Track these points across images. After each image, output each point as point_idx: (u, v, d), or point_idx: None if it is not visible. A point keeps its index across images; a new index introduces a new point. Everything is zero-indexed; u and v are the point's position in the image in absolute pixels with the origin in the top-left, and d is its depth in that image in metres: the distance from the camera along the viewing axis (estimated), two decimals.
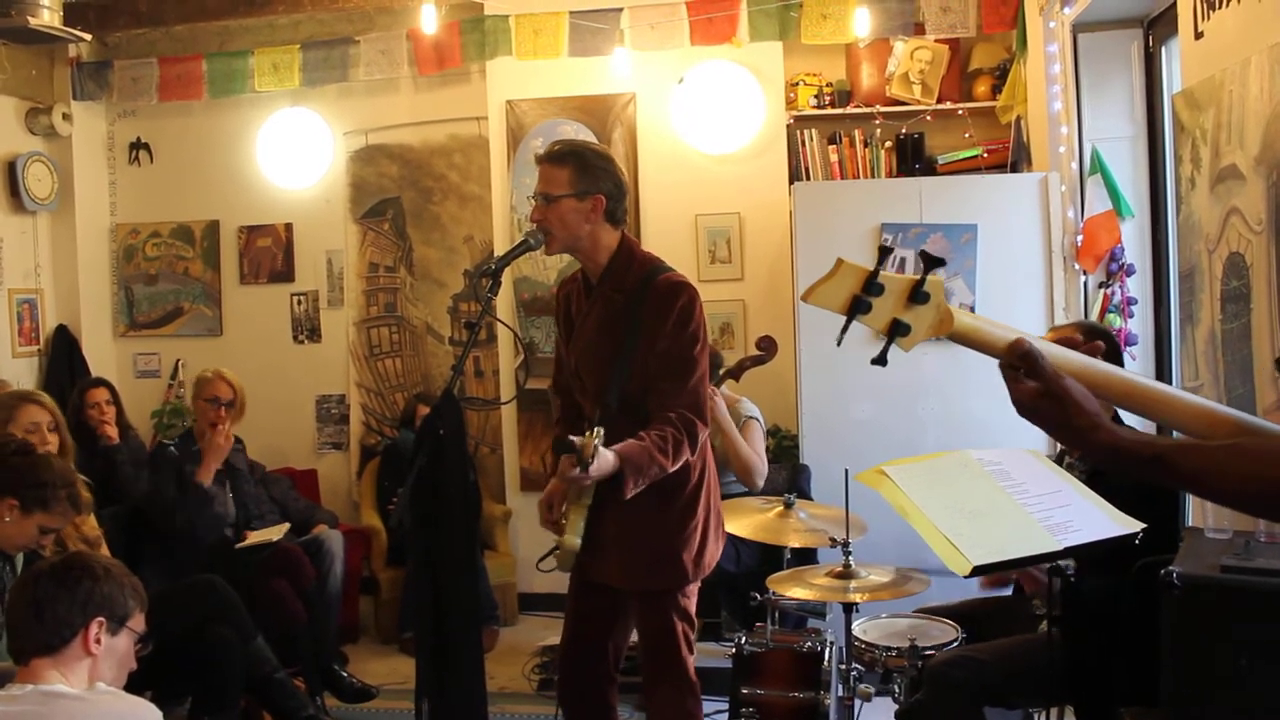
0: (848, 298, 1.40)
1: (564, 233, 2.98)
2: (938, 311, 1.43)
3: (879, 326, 1.43)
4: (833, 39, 5.68)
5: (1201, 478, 1.33)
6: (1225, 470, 1.32)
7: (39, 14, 5.12)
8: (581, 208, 2.96)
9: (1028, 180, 4.98)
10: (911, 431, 4.74)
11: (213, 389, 4.89)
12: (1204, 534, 2.58)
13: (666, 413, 2.90)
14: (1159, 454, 1.36)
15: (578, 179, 2.96)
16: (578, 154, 3.01)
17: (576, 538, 2.96)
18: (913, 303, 1.42)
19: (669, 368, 2.94)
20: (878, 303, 1.41)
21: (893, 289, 1.41)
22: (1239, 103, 2.92)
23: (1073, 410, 1.40)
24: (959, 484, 2.32)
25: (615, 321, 3.00)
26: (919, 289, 1.41)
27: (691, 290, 2.99)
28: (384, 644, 5.57)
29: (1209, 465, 1.33)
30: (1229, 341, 3.01)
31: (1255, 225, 2.83)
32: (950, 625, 3.39)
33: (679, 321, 2.94)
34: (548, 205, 2.96)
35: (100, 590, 2.36)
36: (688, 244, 5.77)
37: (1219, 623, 2.20)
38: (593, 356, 3.04)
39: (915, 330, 1.43)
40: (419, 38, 6.01)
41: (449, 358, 6.49)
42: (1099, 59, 4.74)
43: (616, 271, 3.03)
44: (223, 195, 6.73)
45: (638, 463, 2.81)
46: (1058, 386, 1.41)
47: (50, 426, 3.90)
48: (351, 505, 6.39)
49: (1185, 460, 1.34)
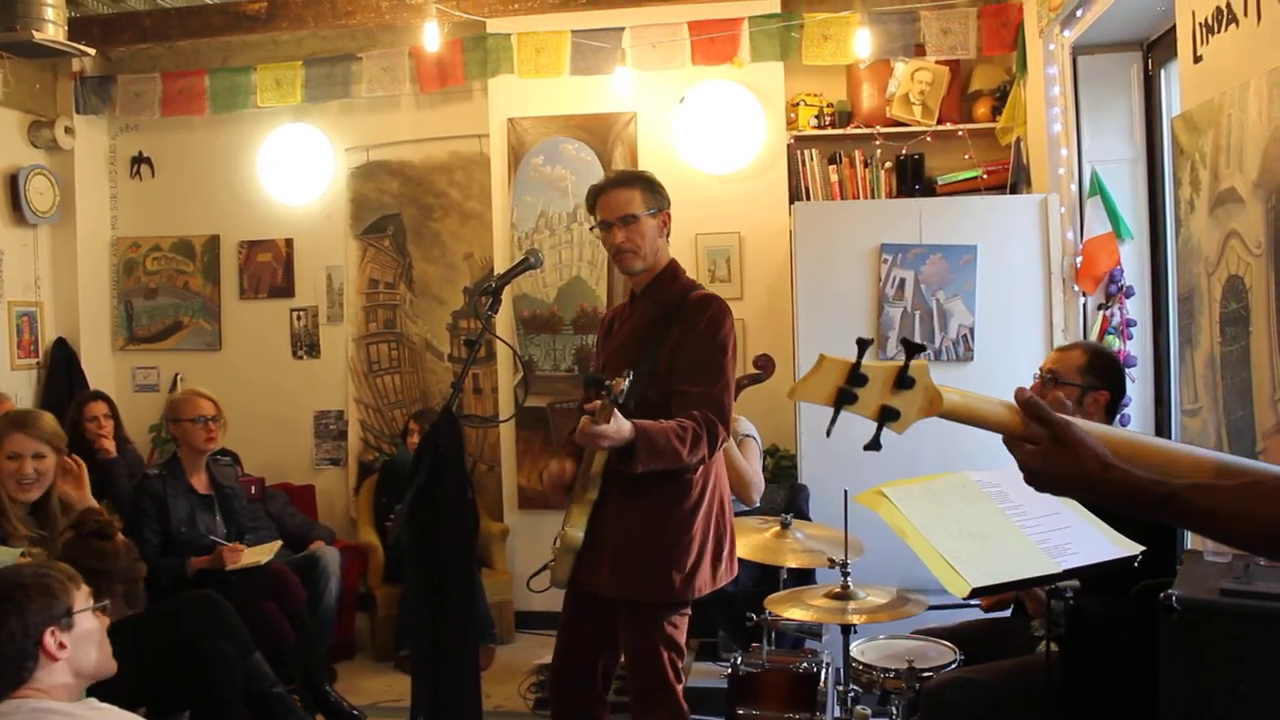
0: (833, 390, 1.44)
1: (649, 249, 3.11)
2: (926, 394, 1.46)
3: (868, 414, 1.46)
4: (833, 60, 5.70)
5: (1214, 518, 1.33)
6: (1236, 510, 1.32)
7: (43, 28, 5.14)
8: (656, 223, 3.12)
9: (1027, 202, 4.99)
10: (910, 452, 4.69)
11: (195, 408, 4.67)
12: (1203, 557, 2.58)
13: (692, 411, 2.94)
14: (1172, 493, 1.37)
15: (649, 198, 3.11)
16: (641, 176, 3.19)
17: (579, 532, 3.01)
18: (899, 389, 1.44)
19: (695, 371, 3.00)
20: (863, 392, 1.44)
21: (877, 378, 1.44)
22: (1238, 126, 2.93)
23: (1084, 454, 1.41)
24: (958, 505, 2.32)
25: (648, 329, 3.10)
26: (903, 375, 1.44)
27: (723, 304, 3.09)
28: (380, 661, 5.54)
29: (1221, 506, 1.33)
30: (1228, 364, 3.01)
31: (1254, 248, 2.84)
32: (948, 647, 3.38)
33: (709, 328, 3.02)
34: (628, 226, 3.07)
35: (32, 607, 2.28)
36: (688, 263, 5.71)
37: (1218, 646, 2.19)
38: (621, 359, 3.09)
39: (905, 414, 1.46)
40: (421, 55, 6.04)
41: (448, 374, 6.49)
42: (1098, 81, 4.77)
43: (660, 286, 3.16)
44: (224, 210, 6.75)
45: (652, 438, 2.83)
46: (1065, 433, 1.43)
47: (35, 455, 3.60)
48: (349, 521, 6.38)
49: (1199, 499, 1.35)
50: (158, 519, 4.53)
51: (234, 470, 5.05)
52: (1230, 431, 3.00)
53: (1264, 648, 2.15)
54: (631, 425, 2.79)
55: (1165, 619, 2.22)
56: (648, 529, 3.01)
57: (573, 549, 3.04)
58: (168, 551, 4.44)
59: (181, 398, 4.78)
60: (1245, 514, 1.32)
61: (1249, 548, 1.38)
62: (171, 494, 4.59)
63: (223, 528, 4.71)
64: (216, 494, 4.75)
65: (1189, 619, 2.20)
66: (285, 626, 4.54)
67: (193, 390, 4.82)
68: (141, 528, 4.46)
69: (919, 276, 4.90)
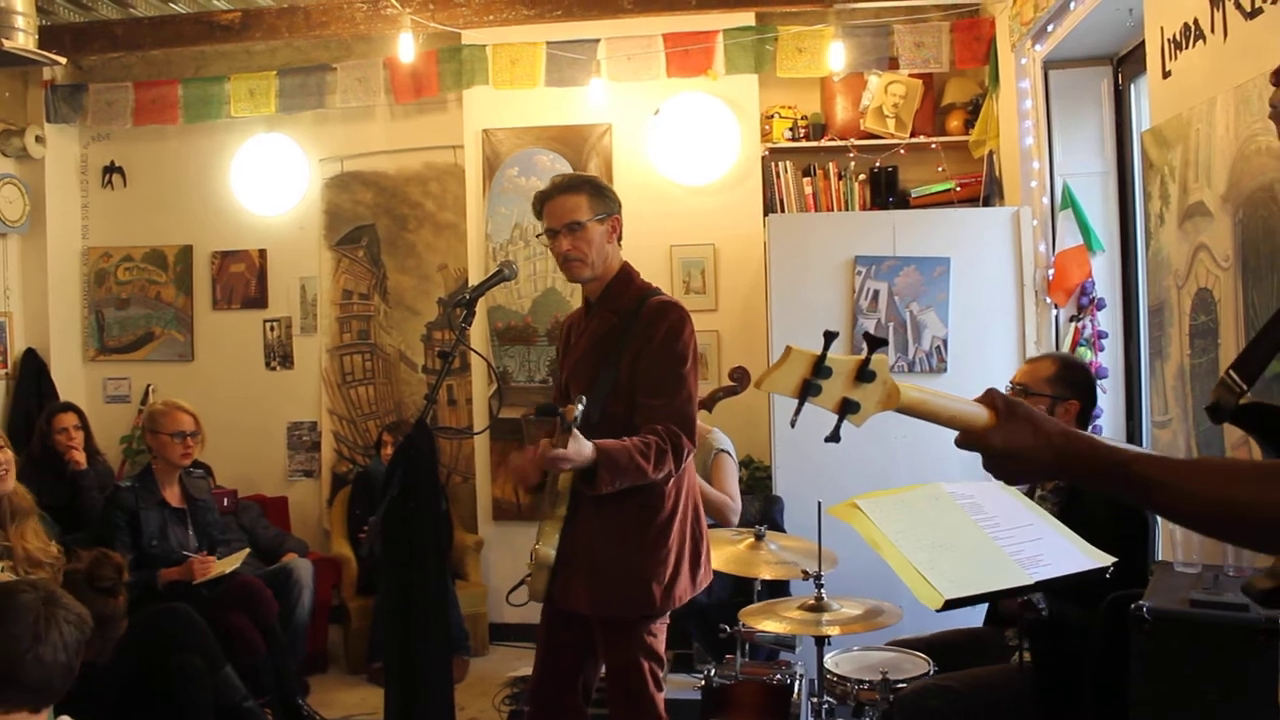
0: (798, 382, 1.46)
1: (597, 256, 3.03)
2: (885, 388, 1.49)
3: (830, 406, 1.49)
4: (808, 72, 5.74)
5: (1163, 489, 1.36)
6: (1185, 482, 1.35)
7: (14, 36, 5.09)
8: (604, 229, 3.04)
9: (1000, 214, 5.03)
10: (884, 464, 4.75)
11: (175, 422, 4.66)
12: (1174, 568, 2.60)
13: (655, 425, 2.89)
14: (1127, 460, 1.40)
15: (596, 203, 3.04)
16: (587, 180, 3.11)
17: (551, 549, 2.96)
18: (860, 381, 1.48)
19: (656, 384, 2.94)
20: (827, 384, 1.47)
21: (840, 370, 1.47)
22: (1206, 141, 2.96)
23: (1039, 420, 1.45)
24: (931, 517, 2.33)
25: (607, 339, 3.03)
26: (865, 368, 1.47)
27: (682, 311, 3.03)
28: (353, 674, 5.51)
29: (1171, 476, 1.36)
30: (1197, 376, 3.04)
31: (1223, 262, 2.87)
32: (922, 658, 3.39)
33: (667, 338, 2.96)
34: (574, 233, 3.00)
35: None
36: (662, 275, 5.78)
37: (1188, 656, 2.21)
38: (582, 371, 3.06)
39: (865, 407, 1.49)
40: (396, 66, 6.03)
41: (422, 386, 6.47)
42: (1070, 96, 4.81)
43: (615, 293, 3.08)
44: (196, 220, 6.71)
45: (614, 457, 2.78)
46: (1018, 408, 1.47)
47: None
48: (322, 533, 6.34)
49: (1150, 469, 1.37)
50: (129, 532, 4.49)
51: (207, 483, 5.01)
52: (1200, 442, 3.03)
53: (1233, 658, 2.17)
54: (593, 446, 2.75)
55: (1136, 629, 2.24)
56: (623, 545, 2.96)
57: (546, 566, 2.99)
58: (138, 564, 4.40)
59: (162, 410, 4.72)
60: (1194, 485, 1.35)
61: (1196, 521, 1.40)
62: (144, 507, 4.55)
63: (195, 541, 4.67)
64: (189, 507, 4.71)
65: (1159, 629, 2.22)
66: (257, 639, 4.51)
67: (174, 404, 4.76)
68: (113, 541, 4.42)
69: (893, 288, 4.93)
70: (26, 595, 2.27)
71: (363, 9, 5.85)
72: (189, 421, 4.68)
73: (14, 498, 3.74)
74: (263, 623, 4.57)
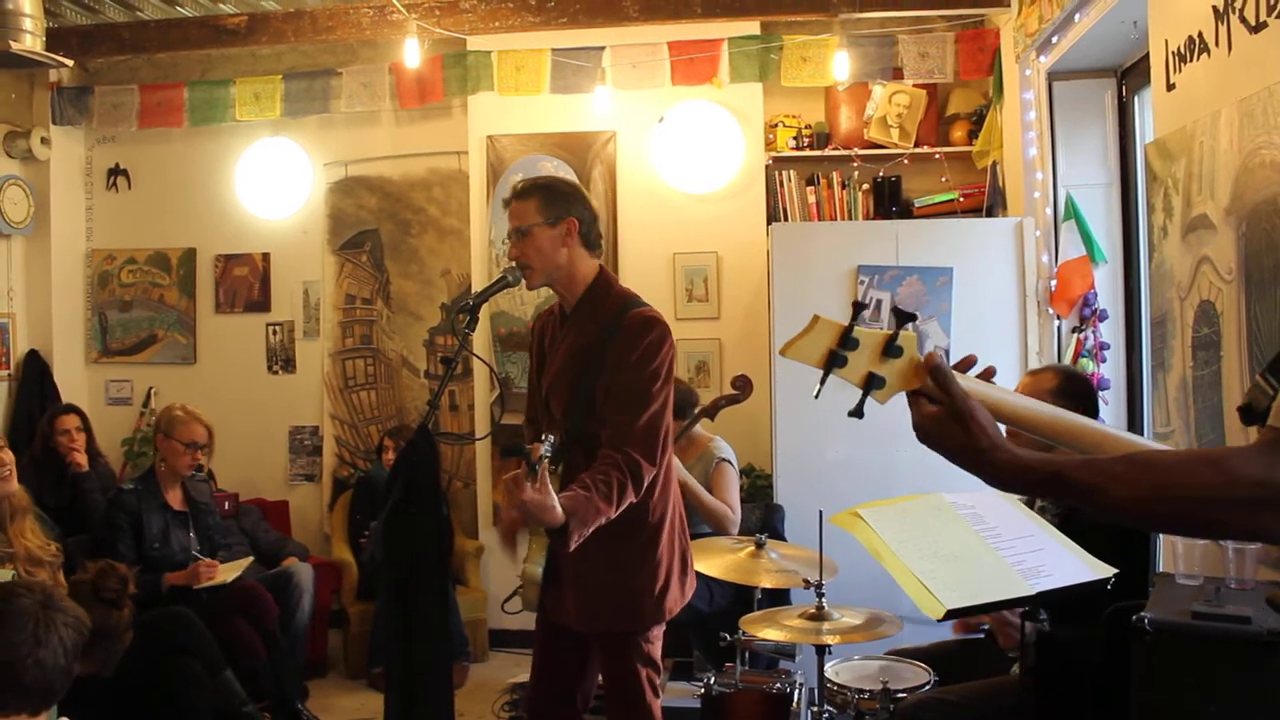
0: (824, 353, 1.43)
1: (541, 262, 2.96)
2: (911, 364, 1.45)
3: (855, 380, 1.45)
4: (812, 82, 5.75)
5: (1097, 491, 1.36)
6: (1117, 480, 1.35)
7: (21, 39, 5.10)
8: (555, 234, 2.95)
9: (1003, 225, 5.03)
10: (886, 473, 4.75)
11: (190, 433, 4.68)
12: (1175, 580, 2.60)
13: (614, 452, 2.80)
14: (1057, 470, 1.39)
15: (545, 207, 2.95)
16: (541, 185, 3.03)
17: (537, 567, 2.95)
18: (887, 356, 1.44)
19: (624, 400, 2.85)
20: (853, 357, 1.43)
21: (867, 344, 1.43)
22: (1209, 154, 2.97)
23: (975, 430, 1.44)
24: (932, 527, 2.33)
25: (586, 352, 2.96)
26: (892, 343, 1.44)
27: (663, 327, 2.94)
28: (353, 679, 5.51)
29: (1103, 479, 1.36)
30: (1200, 388, 3.04)
31: (1225, 274, 2.87)
32: (922, 668, 3.38)
33: (643, 356, 2.87)
34: (522, 239, 2.96)
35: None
36: (665, 282, 5.79)
37: (1189, 669, 2.21)
38: (561, 385, 3.00)
39: (890, 383, 1.46)
40: (401, 71, 6.04)
41: (424, 391, 6.47)
42: (1074, 107, 4.82)
43: (592, 302, 3.01)
44: (200, 223, 6.72)
45: (580, 514, 2.67)
46: (964, 405, 1.45)
47: None
48: (323, 538, 6.34)
49: (1082, 474, 1.38)
50: (131, 534, 4.50)
51: (209, 486, 5.02)
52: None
53: (1235, 670, 2.17)
54: (562, 511, 2.61)
55: (1137, 642, 2.24)
56: (611, 562, 2.90)
57: (535, 582, 2.96)
58: (138, 566, 4.40)
59: (181, 418, 4.72)
60: (1126, 483, 1.35)
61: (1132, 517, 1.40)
62: (146, 509, 4.56)
63: (196, 544, 4.68)
64: (191, 510, 4.72)
65: (1161, 641, 2.21)
66: (257, 643, 4.51)
67: (194, 414, 4.76)
68: (115, 543, 4.43)
69: (895, 298, 4.93)
70: (25, 599, 2.27)
71: (369, 14, 5.87)
72: (204, 434, 4.70)
73: (12, 497, 3.75)
74: (263, 627, 4.57)
